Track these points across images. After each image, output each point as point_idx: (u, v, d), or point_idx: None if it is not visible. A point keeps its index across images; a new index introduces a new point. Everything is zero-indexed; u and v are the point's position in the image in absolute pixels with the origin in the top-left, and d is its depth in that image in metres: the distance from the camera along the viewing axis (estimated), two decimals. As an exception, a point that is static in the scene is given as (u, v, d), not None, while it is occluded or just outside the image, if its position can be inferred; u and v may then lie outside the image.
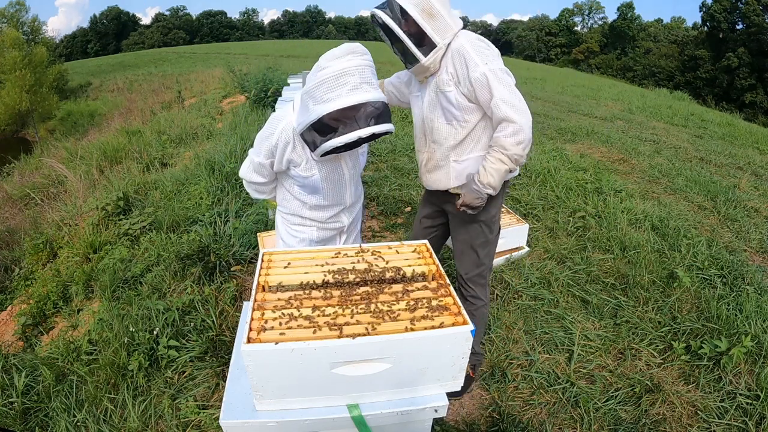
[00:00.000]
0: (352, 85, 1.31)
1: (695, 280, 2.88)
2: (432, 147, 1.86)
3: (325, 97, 1.32)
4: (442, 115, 1.77)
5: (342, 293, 1.25)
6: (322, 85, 1.32)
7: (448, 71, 1.70)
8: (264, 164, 1.64)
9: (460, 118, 1.74)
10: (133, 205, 4.19)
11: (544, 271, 2.98)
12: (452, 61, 1.68)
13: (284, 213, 1.82)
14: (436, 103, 1.77)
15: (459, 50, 1.65)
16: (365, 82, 1.33)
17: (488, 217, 1.87)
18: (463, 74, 1.65)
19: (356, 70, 1.32)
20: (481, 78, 1.61)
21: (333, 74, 1.31)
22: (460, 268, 2.00)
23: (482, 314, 2.04)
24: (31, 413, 2.10)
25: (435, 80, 1.75)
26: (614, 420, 1.98)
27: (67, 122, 16.40)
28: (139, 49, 58.53)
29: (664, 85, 29.92)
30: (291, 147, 1.56)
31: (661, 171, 5.17)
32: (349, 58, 1.33)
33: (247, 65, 12.83)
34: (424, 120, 1.85)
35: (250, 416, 1.16)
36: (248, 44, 47.78)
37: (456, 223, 1.96)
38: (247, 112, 7.23)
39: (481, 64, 1.62)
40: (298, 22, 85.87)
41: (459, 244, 1.97)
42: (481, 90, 1.63)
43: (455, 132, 1.77)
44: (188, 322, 2.47)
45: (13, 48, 17.29)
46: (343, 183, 1.71)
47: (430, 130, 1.84)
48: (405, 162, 5.00)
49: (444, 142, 1.80)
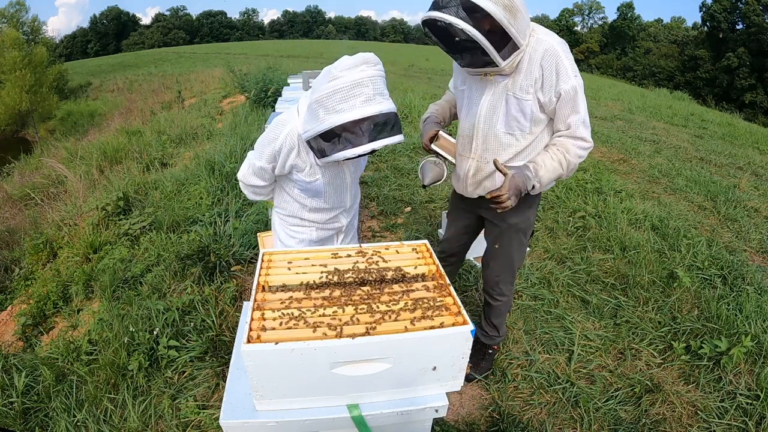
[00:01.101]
0: (366, 96, 1.29)
1: (695, 280, 2.88)
2: (484, 156, 1.65)
3: (338, 107, 1.30)
4: (504, 123, 1.57)
5: (342, 293, 1.25)
6: (335, 94, 1.30)
7: (531, 75, 1.48)
8: (265, 168, 1.62)
9: (526, 129, 1.56)
10: (133, 205, 4.19)
11: (544, 271, 2.98)
12: (540, 64, 1.46)
13: (282, 215, 1.81)
14: (502, 108, 1.56)
15: (550, 53, 1.45)
16: (378, 93, 1.31)
17: (527, 224, 1.81)
18: (551, 83, 1.46)
19: (370, 81, 1.30)
20: (571, 92, 1.47)
21: (347, 84, 1.29)
22: (490, 271, 1.94)
23: (508, 304, 2.06)
24: (31, 413, 2.10)
25: (506, 82, 1.52)
26: (614, 420, 1.98)
27: (67, 122, 16.40)
28: (139, 49, 58.60)
29: (664, 85, 29.91)
30: (296, 153, 1.54)
31: (661, 171, 5.17)
32: (363, 68, 1.31)
33: (247, 65, 12.82)
34: (477, 124, 1.62)
35: (250, 416, 1.16)
36: (248, 44, 47.81)
37: (493, 228, 1.84)
38: (247, 112, 7.23)
39: (572, 76, 1.46)
40: (298, 22, 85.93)
41: (494, 248, 1.87)
42: (565, 104, 1.48)
43: (516, 143, 1.59)
44: (188, 322, 2.47)
45: (13, 48, 17.29)
46: (344, 187, 1.71)
47: (485, 136, 1.62)
48: (405, 162, 5.00)
49: (501, 152, 1.61)
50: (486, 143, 1.63)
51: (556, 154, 1.53)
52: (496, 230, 1.84)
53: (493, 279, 1.96)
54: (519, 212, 1.73)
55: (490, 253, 1.92)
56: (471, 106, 1.65)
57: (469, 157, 1.70)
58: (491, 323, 2.12)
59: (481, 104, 1.59)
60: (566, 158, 1.53)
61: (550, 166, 1.53)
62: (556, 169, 1.53)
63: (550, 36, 1.48)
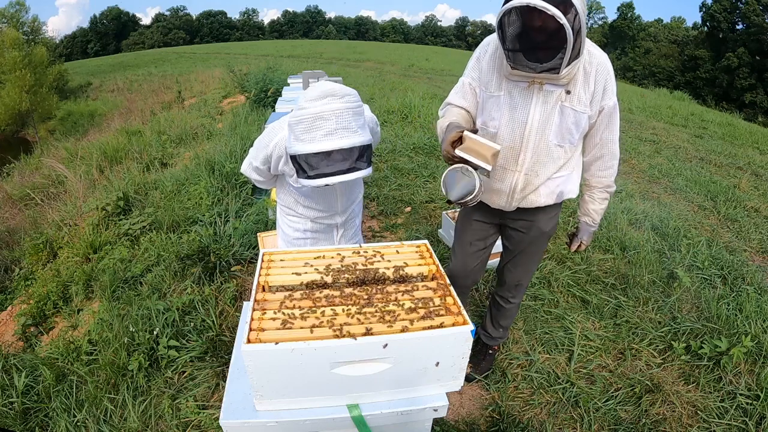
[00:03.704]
0: (327, 130, 1.28)
1: (695, 280, 2.88)
2: (534, 170, 1.55)
3: (301, 137, 1.30)
4: (556, 135, 1.50)
5: (342, 293, 1.25)
6: (300, 123, 1.30)
7: (587, 89, 1.43)
8: (261, 168, 1.70)
9: (575, 142, 1.53)
10: (133, 205, 4.19)
11: (544, 271, 2.98)
12: (595, 78, 1.42)
13: (281, 204, 1.87)
14: (555, 119, 1.47)
15: (604, 68, 1.43)
16: (342, 127, 1.28)
17: (554, 228, 1.81)
18: (598, 98, 1.45)
19: (332, 115, 1.28)
20: (612, 110, 1.48)
21: (310, 116, 1.28)
22: (512, 276, 1.93)
23: (518, 306, 2.10)
24: (31, 413, 2.10)
25: (559, 93, 1.44)
26: (614, 420, 1.98)
27: (67, 122, 16.38)
28: (139, 49, 58.58)
29: (664, 85, 29.88)
30: (284, 161, 1.60)
31: (661, 171, 5.17)
32: (327, 101, 1.28)
33: (247, 65, 12.84)
34: (528, 135, 1.50)
35: (250, 416, 1.16)
36: (248, 44, 47.79)
37: (522, 237, 1.78)
38: (247, 112, 7.23)
39: (614, 94, 1.46)
40: (298, 22, 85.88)
41: (520, 256, 1.86)
42: (604, 121, 1.50)
43: (564, 155, 1.54)
44: (188, 322, 2.47)
45: (13, 48, 17.26)
46: (333, 195, 1.74)
47: (535, 148, 1.52)
48: (405, 162, 5.00)
49: (551, 165, 1.55)
50: (536, 155, 1.53)
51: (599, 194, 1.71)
52: (526, 238, 1.78)
53: (513, 284, 1.96)
54: (551, 219, 1.76)
55: (515, 260, 1.89)
56: (515, 114, 1.50)
57: (515, 171, 1.57)
58: (499, 325, 2.11)
59: (532, 114, 1.47)
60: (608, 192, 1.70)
61: (601, 209, 1.73)
62: (605, 207, 1.74)
63: (598, 50, 1.46)
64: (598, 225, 1.79)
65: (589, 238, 1.82)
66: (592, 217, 1.75)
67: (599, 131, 1.54)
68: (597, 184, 1.68)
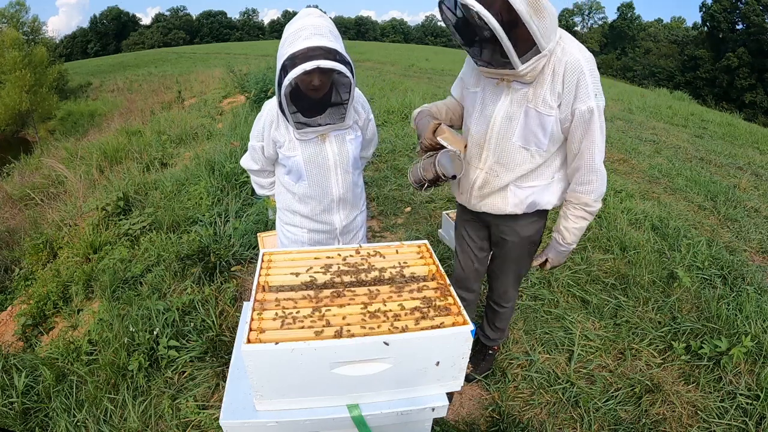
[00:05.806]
0: (305, 36, 1.41)
1: (695, 280, 2.88)
2: (495, 170, 1.53)
3: (285, 49, 1.43)
4: (520, 137, 1.45)
5: (342, 293, 1.25)
6: (282, 45, 1.45)
7: (554, 90, 1.37)
8: (255, 147, 1.75)
9: (543, 146, 1.45)
10: (133, 205, 4.19)
11: (544, 271, 2.98)
12: (563, 78, 1.35)
13: (279, 208, 1.88)
14: (520, 119, 1.43)
15: (575, 67, 1.34)
16: (317, 34, 1.42)
17: (539, 236, 1.75)
18: (569, 100, 1.37)
19: (311, 26, 1.43)
20: (587, 114, 1.37)
21: (292, 31, 1.44)
22: (499, 283, 1.90)
23: (513, 308, 2.06)
24: (31, 413, 2.10)
25: (526, 92, 1.40)
26: (614, 420, 1.98)
27: (67, 122, 16.39)
28: (139, 50, 58.57)
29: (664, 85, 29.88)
30: (275, 125, 1.67)
31: (661, 171, 5.17)
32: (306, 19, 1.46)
33: (247, 65, 12.83)
34: (491, 132, 1.49)
35: (250, 416, 1.16)
36: (248, 44, 47.76)
37: (504, 242, 1.74)
38: (247, 112, 7.23)
39: (593, 96, 1.35)
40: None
41: (508, 263, 1.81)
42: (579, 126, 1.39)
43: (531, 159, 1.48)
44: (188, 322, 2.47)
45: (13, 48, 17.27)
46: (327, 167, 1.69)
47: (497, 147, 1.49)
48: (405, 162, 5.00)
49: (514, 168, 1.50)
50: (498, 155, 1.50)
51: (574, 212, 1.54)
52: (507, 244, 1.74)
53: (501, 289, 1.93)
54: (532, 225, 1.68)
55: (500, 266, 1.85)
56: (484, 110, 1.50)
57: (477, 167, 1.57)
58: (496, 327, 2.10)
59: (497, 111, 1.46)
60: (587, 210, 1.53)
61: (575, 228, 1.55)
62: (582, 226, 1.55)
63: (577, 49, 1.36)
64: (570, 246, 1.59)
65: (557, 258, 1.64)
66: (562, 234, 1.58)
67: (576, 139, 1.42)
68: (573, 199, 1.54)
